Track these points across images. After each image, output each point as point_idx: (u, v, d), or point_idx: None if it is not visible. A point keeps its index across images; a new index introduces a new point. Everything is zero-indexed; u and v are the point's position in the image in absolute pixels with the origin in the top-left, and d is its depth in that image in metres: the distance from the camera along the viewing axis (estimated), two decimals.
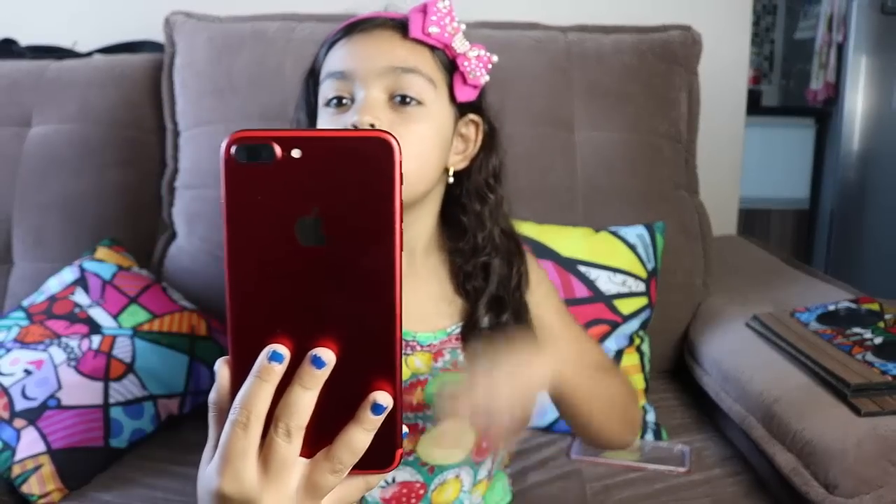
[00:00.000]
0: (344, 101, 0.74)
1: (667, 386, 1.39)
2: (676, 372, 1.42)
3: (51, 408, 1.09)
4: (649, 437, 1.20)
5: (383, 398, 0.41)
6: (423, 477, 0.78)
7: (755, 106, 2.91)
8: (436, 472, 0.79)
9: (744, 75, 1.85)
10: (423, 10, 0.75)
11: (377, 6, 0.78)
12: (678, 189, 1.44)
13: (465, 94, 0.77)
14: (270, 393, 0.41)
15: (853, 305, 1.23)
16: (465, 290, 0.79)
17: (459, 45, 0.76)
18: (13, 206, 1.42)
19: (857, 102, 2.91)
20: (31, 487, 1.04)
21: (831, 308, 1.23)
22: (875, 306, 1.21)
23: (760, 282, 1.51)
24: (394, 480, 0.78)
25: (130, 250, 1.39)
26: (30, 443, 1.06)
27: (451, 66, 0.76)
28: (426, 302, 0.78)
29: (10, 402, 1.08)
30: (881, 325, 1.15)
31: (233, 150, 0.39)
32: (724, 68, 1.73)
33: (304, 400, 0.41)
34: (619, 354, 1.25)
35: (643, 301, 1.27)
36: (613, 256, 1.28)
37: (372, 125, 0.70)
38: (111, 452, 1.12)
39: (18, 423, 1.07)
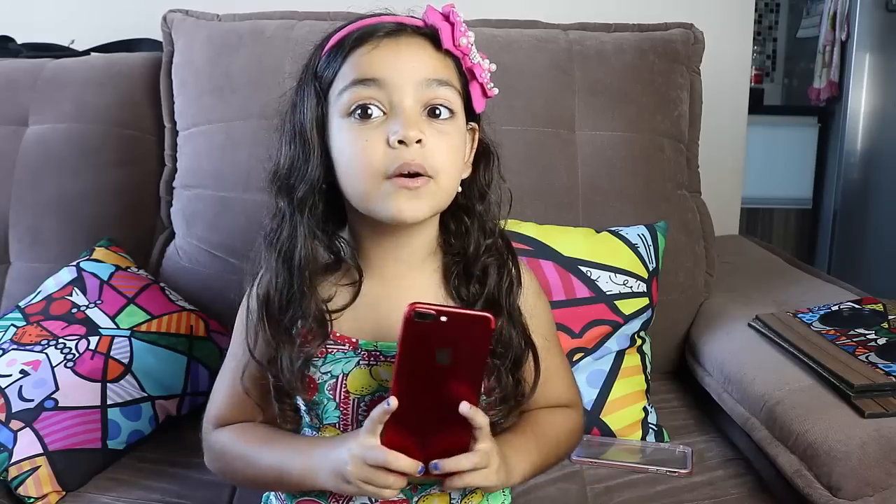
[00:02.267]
0: (370, 110, 0.71)
1: (668, 387, 1.38)
2: (678, 373, 1.42)
3: (48, 409, 1.09)
4: (651, 438, 1.19)
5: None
6: (404, 494, 0.78)
7: (758, 105, 2.90)
8: (419, 490, 0.78)
9: (746, 74, 1.85)
10: (447, 19, 0.75)
11: (375, 4, 0.77)
12: (680, 188, 1.44)
13: (480, 105, 0.78)
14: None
15: (857, 306, 1.23)
16: (460, 295, 0.79)
17: (475, 55, 0.76)
18: (10, 205, 1.41)
19: (861, 101, 2.90)
20: (28, 489, 1.03)
21: (834, 308, 1.22)
22: (879, 307, 1.21)
23: (763, 282, 1.50)
24: (374, 502, 0.78)
25: (128, 250, 1.38)
26: (27, 444, 1.05)
27: (466, 77, 0.77)
28: (399, 314, 0.73)
29: (7, 404, 1.08)
30: (885, 325, 1.14)
31: (412, 312, 0.67)
32: (727, 67, 1.72)
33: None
34: (620, 355, 1.24)
35: (644, 301, 1.27)
36: (615, 256, 1.27)
37: (419, 140, 0.70)
38: (109, 454, 1.11)
39: (15, 424, 1.06)
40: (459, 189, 0.78)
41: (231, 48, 1.42)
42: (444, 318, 0.67)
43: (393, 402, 0.68)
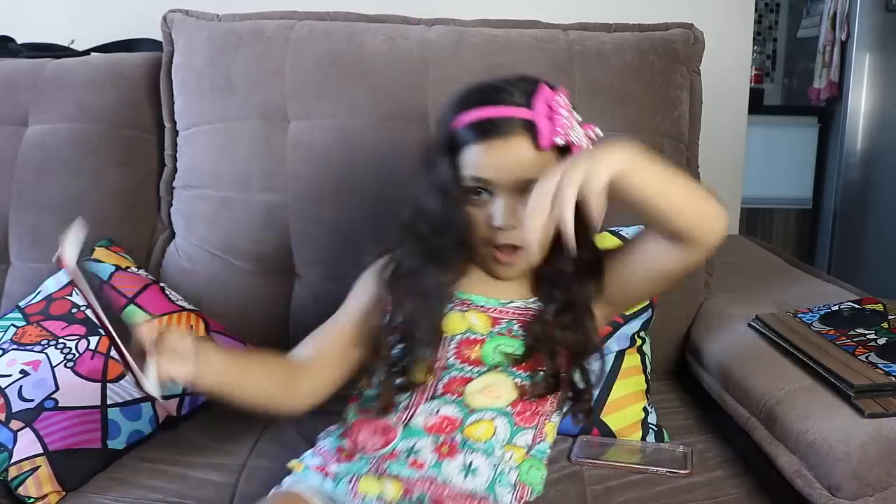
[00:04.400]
0: (482, 192, 0.90)
1: (668, 387, 1.38)
2: (678, 373, 1.42)
3: (48, 409, 1.09)
4: (651, 438, 1.19)
5: None
6: (462, 413, 0.92)
7: (758, 105, 2.90)
8: (475, 411, 0.92)
9: (746, 74, 1.85)
10: (550, 115, 0.88)
11: (375, 5, 0.77)
12: None
13: None
14: None
15: (857, 306, 1.23)
16: (542, 290, 0.96)
17: (575, 137, 0.89)
18: (10, 205, 1.41)
19: (861, 101, 2.90)
20: (28, 489, 1.03)
21: (834, 308, 1.22)
22: (879, 307, 1.21)
23: (763, 282, 1.50)
24: (437, 412, 0.92)
25: (128, 250, 1.38)
26: (27, 444, 1.05)
27: (567, 152, 0.89)
28: (493, 284, 0.96)
29: (7, 404, 1.08)
30: (885, 325, 1.14)
31: None
32: (727, 67, 1.72)
33: None
34: (620, 355, 1.25)
35: (644, 301, 1.26)
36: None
37: (514, 227, 0.88)
38: (109, 454, 1.11)
39: (15, 424, 1.06)
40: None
41: (231, 48, 1.42)
42: None
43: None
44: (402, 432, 0.92)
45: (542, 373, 0.93)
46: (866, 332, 1.13)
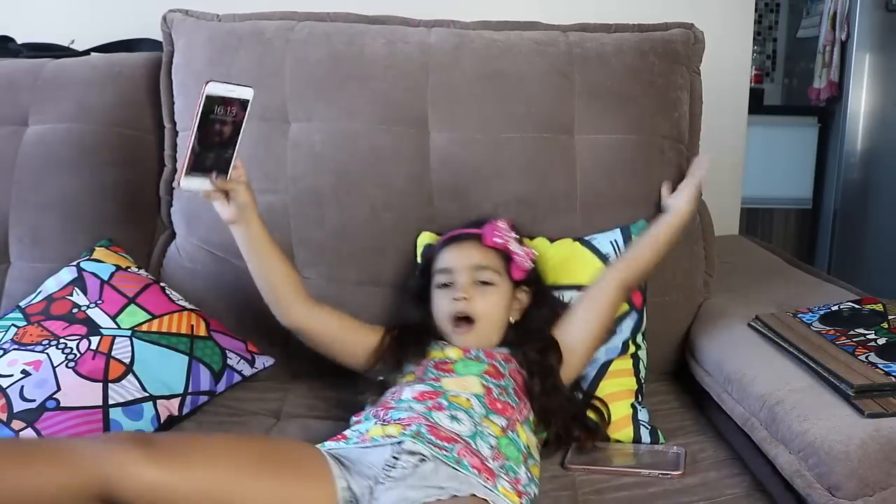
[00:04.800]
0: (448, 284, 1.20)
1: (668, 388, 1.38)
2: (677, 373, 1.42)
3: (49, 409, 1.09)
4: (644, 436, 1.19)
5: None
6: (442, 390, 1.09)
7: (758, 105, 2.90)
8: (452, 391, 1.08)
9: (746, 74, 1.85)
10: (494, 227, 1.22)
11: (374, 5, 0.77)
12: None
13: (518, 275, 1.22)
14: None
15: (856, 306, 1.23)
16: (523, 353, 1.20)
17: (513, 247, 1.22)
18: (10, 205, 1.41)
19: (861, 101, 2.90)
20: None
21: (834, 308, 1.22)
22: (879, 307, 1.21)
23: (763, 282, 1.50)
24: (420, 391, 1.08)
25: (129, 250, 1.38)
26: None
27: (508, 258, 1.22)
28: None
29: (9, 404, 1.08)
30: (885, 325, 1.14)
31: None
32: (727, 67, 1.72)
33: None
34: (606, 365, 1.26)
35: (623, 308, 1.27)
36: (583, 272, 1.28)
37: (465, 297, 1.17)
38: None
39: (17, 424, 1.07)
40: (512, 321, 1.23)
41: (231, 49, 1.42)
42: None
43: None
44: (396, 402, 1.07)
45: (505, 382, 1.13)
46: (866, 332, 1.13)
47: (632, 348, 1.28)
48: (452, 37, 1.42)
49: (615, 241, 1.31)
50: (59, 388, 1.11)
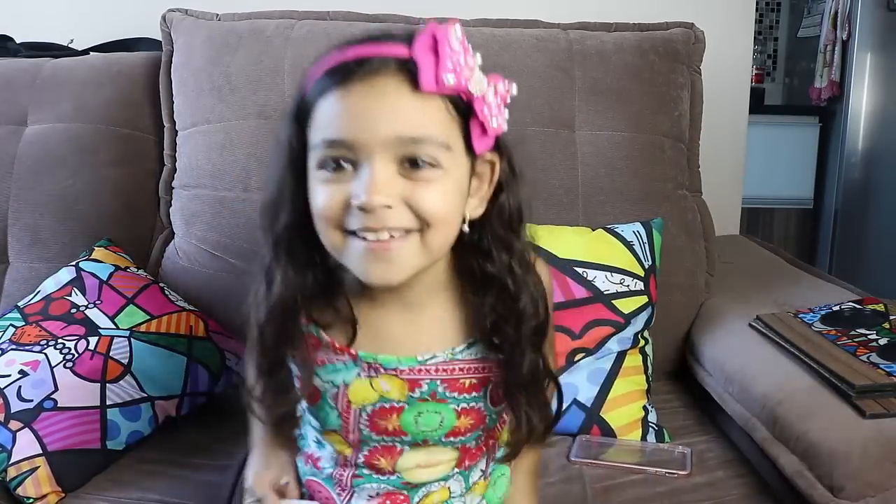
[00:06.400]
0: (343, 165, 0.66)
1: (669, 387, 1.38)
2: (678, 373, 1.41)
3: (47, 409, 1.08)
4: (651, 437, 1.19)
5: None
6: (406, 490, 0.79)
7: (758, 104, 2.90)
8: (418, 486, 0.79)
9: (747, 73, 1.84)
10: (434, 49, 0.65)
11: (374, 5, 0.75)
12: (680, 188, 1.43)
13: (484, 145, 0.69)
14: None
15: (858, 306, 1.22)
16: (492, 340, 0.74)
17: (476, 87, 0.67)
18: (9, 205, 1.41)
19: (862, 101, 2.90)
20: (27, 490, 1.03)
21: (836, 308, 1.22)
22: (880, 307, 1.20)
23: (763, 282, 1.50)
24: (378, 494, 0.79)
25: (128, 250, 1.38)
26: (25, 445, 1.05)
27: (466, 111, 0.67)
28: (403, 328, 0.75)
29: (6, 404, 1.07)
30: (886, 325, 1.14)
31: None
32: (727, 66, 1.71)
33: None
34: (621, 355, 1.24)
35: (643, 300, 1.26)
36: (610, 255, 1.27)
37: (388, 206, 0.64)
38: (108, 454, 1.11)
39: (14, 424, 1.06)
40: (466, 229, 0.71)
41: (230, 48, 1.41)
42: None
43: None
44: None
45: (481, 431, 0.78)
46: (867, 332, 1.12)
47: (641, 342, 1.27)
48: None
49: (637, 231, 1.30)
50: (56, 389, 1.10)
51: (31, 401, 1.08)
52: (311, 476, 0.82)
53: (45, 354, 1.14)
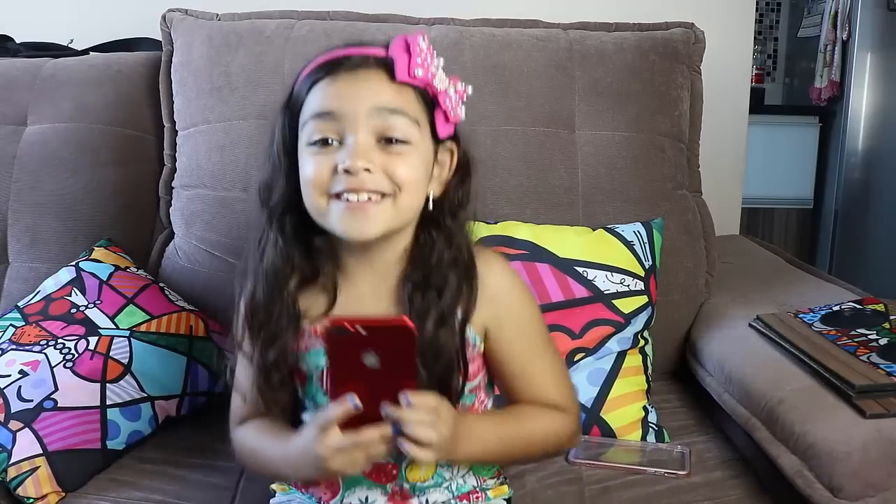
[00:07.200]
0: (330, 141, 0.78)
1: (669, 387, 1.38)
2: (678, 373, 1.41)
3: (47, 409, 1.08)
4: (651, 438, 1.19)
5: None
6: (394, 458, 0.84)
7: (758, 104, 2.90)
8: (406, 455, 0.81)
9: (747, 73, 1.84)
10: (407, 49, 0.79)
11: (374, 5, 0.77)
12: (680, 188, 1.43)
13: (446, 130, 0.83)
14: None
15: (858, 306, 1.22)
16: (413, 302, 0.82)
17: (440, 83, 0.80)
18: (8, 205, 1.41)
19: (862, 101, 2.90)
20: (27, 490, 1.03)
21: (836, 309, 1.22)
22: (880, 307, 1.20)
23: (763, 282, 1.50)
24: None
25: (128, 250, 1.38)
26: (26, 445, 1.05)
27: (432, 103, 0.81)
28: (375, 303, 0.85)
29: (6, 404, 1.07)
30: (886, 325, 1.14)
31: (330, 327, 0.71)
32: (727, 66, 1.72)
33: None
34: (621, 355, 1.24)
35: (643, 299, 1.26)
36: (610, 255, 1.27)
37: (367, 169, 0.76)
38: (108, 454, 1.11)
39: (14, 424, 1.06)
40: (431, 207, 0.83)
41: (230, 48, 1.41)
42: (362, 331, 0.71)
43: (348, 402, 0.73)
44: (345, 482, 0.87)
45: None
46: (868, 332, 1.12)
47: (641, 342, 1.27)
48: (452, 32, 1.42)
49: (638, 231, 1.30)
50: (56, 389, 1.10)
51: (32, 401, 1.08)
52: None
53: (45, 354, 1.14)
